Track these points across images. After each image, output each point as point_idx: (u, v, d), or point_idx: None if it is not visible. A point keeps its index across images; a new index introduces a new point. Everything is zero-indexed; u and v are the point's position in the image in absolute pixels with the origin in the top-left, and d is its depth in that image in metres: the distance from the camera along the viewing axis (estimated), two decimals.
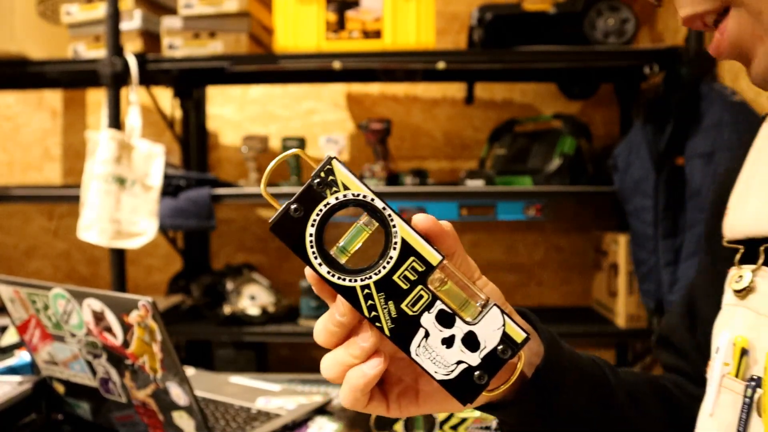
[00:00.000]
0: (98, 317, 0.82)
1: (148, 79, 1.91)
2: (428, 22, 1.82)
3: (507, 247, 2.30)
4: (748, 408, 0.48)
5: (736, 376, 0.49)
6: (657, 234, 1.65)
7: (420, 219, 0.42)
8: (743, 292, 0.51)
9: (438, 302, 0.41)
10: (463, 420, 0.83)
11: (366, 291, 0.41)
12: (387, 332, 0.41)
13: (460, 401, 0.42)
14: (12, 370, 1.00)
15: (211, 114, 2.34)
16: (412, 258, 0.41)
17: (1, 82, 2.15)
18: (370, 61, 1.82)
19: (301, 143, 1.94)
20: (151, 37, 1.90)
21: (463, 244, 0.46)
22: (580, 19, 1.76)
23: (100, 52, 1.88)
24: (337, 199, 0.41)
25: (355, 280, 0.41)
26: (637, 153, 1.71)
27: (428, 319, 0.41)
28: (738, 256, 0.53)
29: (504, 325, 0.42)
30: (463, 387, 0.42)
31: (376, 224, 0.41)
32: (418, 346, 0.41)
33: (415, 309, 0.41)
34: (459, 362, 0.42)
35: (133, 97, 1.80)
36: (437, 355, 0.41)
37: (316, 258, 0.41)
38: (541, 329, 0.53)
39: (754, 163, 0.55)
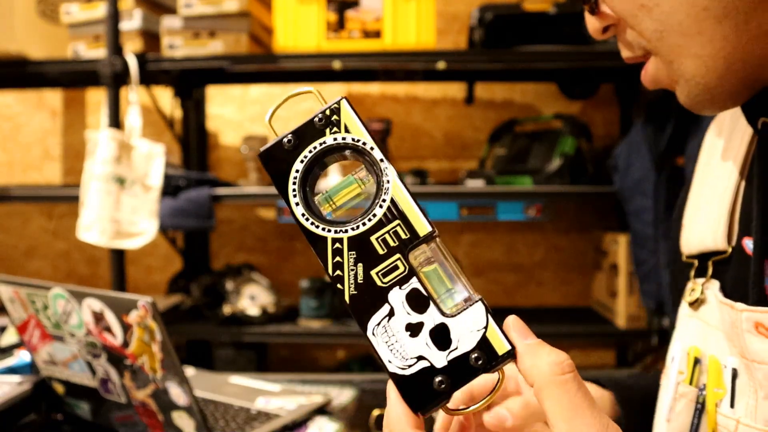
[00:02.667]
0: (98, 317, 0.82)
1: (148, 78, 1.91)
2: (428, 22, 1.81)
3: (507, 247, 2.30)
4: (699, 413, 0.50)
5: (690, 383, 0.52)
6: (657, 234, 1.65)
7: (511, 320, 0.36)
8: (695, 304, 0.53)
9: (414, 279, 0.35)
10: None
11: (336, 245, 0.36)
12: (347, 298, 0.35)
13: (410, 407, 0.34)
14: (12, 370, 1.00)
15: (211, 114, 2.34)
16: (397, 222, 0.36)
17: (1, 82, 2.15)
18: (370, 61, 1.82)
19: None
20: (151, 37, 1.90)
21: (463, 244, 0.44)
22: (580, 19, 1.75)
23: (100, 52, 1.87)
24: (335, 139, 0.37)
25: (329, 230, 0.36)
26: (637, 153, 1.71)
27: (397, 296, 0.35)
28: (692, 271, 0.55)
29: (486, 327, 0.35)
30: (417, 390, 0.34)
31: (371, 181, 0.37)
32: (378, 324, 0.35)
33: (385, 280, 0.35)
34: (420, 358, 0.35)
35: (133, 96, 1.80)
36: (397, 342, 0.35)
37: (295, 196, 0.37)
38: (620, 391, 0.57)
39: (701, 180, 0.57)
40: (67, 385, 0.95)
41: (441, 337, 0.35)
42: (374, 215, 0.36)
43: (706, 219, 0.54)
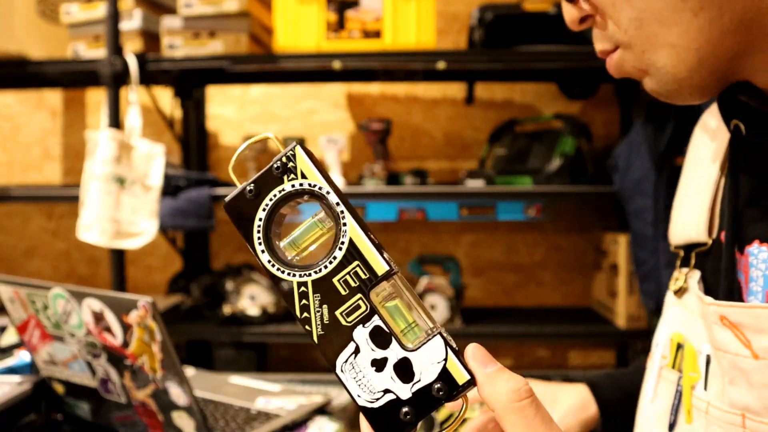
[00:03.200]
0: (98, 317, 0.82)
1: (148, 78, 1.91)
2: (428, 22, 1.81)
3: (507, 247, 2.30)
4: (680, 395, 0.54)
5: (673, 367, 0.56)
6: (657, 234, 1.65)
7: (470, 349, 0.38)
8: (679, 293, 0.57)
9: (375, 317, 0.37)
10: (464, 421, 0.83)
11: (302, 289, 0.38)
12: (315, 338, 0.38)
13: None
14: (11, 370, 1.00)
15: (211, 114, 2.34)
16: (356, 263, 0.37)
17: (1, 82, 2.15)
18: (370, 61, 1.82)
19: (301, 143, 1.94)
20: (151, 37, 1.90)
21: (463, 244, 0.44)
22: None
23: (100, 52, 1.88)
24: (293, 186, 0.39)
25: (294, 275, 0.38)
26: (637, 153, 1.71)
27: (361, 334, 0.37)
28: (678, 261, 0.58)
29: (446, 360, 0.36)
30: (385, 421, 0.36)
31: (329, 223, 0.39)
32: (345, 361, 0.37)
33: (349, 319, 0.37)
34: (387, 391, 0.37)
35: (133, 96, 1.80)
36: (364, 377, 0.37)
37: (260, 244, 0.39)
38: (601, 391, 0.60)
39: (687, 173, 0.60)
40: (67, 385, 0.95)
41: (404, 370, 0.36)
42: (335, 257, 0.38)
43: (691, 212, 0.57)
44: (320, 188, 0.39)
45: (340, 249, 0.38)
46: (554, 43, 1.79)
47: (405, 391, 0.36)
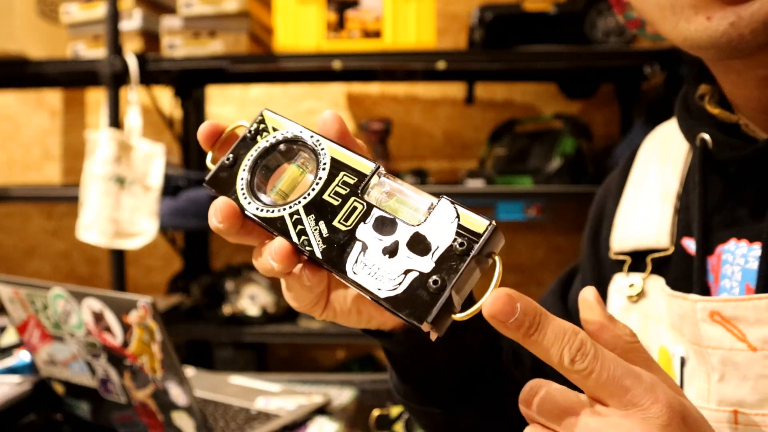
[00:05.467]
0: (98, 317, 0.82)
1: (148, 78, 1.91)
2: (428, 22, 1.81)
3: (507, 247, 2.30)
4: None
5: None
6: None
7: (327, 117, 0.41)
8: (635, 298, 0.57)
9: (375, 210, 0.36)
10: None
11: (295, 217, 0.37)
12: (318, 254, 0.36)
13: (416, 320, 0.33)
14: (11, 371, 1.00)
15: (211, 114, 2.34)
16: (342, 173, 0.38)
17: (1, 81, 2.15)
18: (370, 61, 1.82)
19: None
20: (150, 37, 1.90)
21: None
22: (580, 19, 1.76)
23: (99, 52, 1.87)
24: (267, 141, 0.40)
25: (284, 209, 0.38)
26: None
27: (365, 230, 0.36)
28: (626, 266, 0.59)
29: (458, 216, 0.35)
30: (416, 300, 0.33)
31: (311, 158, 0.39)
32: (356, 262, 0.35)
33: (348, 223, 0.36)
34: (407, 271, 0.34)
35: (133, 96, 1.80)
36: (379, 269, 0.35)
37: (245, 197, 0.39)
38: None
39: (638, 184, 0.62)
40: (67, 385, 0.95)
41: (419, 245, 0.35)
42: (320, 179, 0.38)
43: (647, 219, 0.58)
44: (290, 132, 0.40)
45: (324, 170, 0.38)
46: (554, 43, 1.79)
47: (426, 264, 0.34)
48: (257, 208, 0.38)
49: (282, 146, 0.40)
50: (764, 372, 0.46)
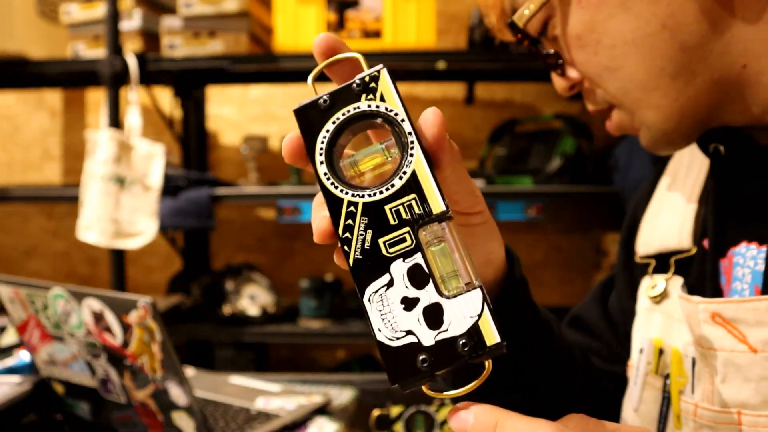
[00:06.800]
0: (98, 317, 0.82)
1: (148, 78, 1.91)
2: (428, 22, 1.81)
3: None
4: (667, 401, 0.55)
5: (656, 373, 0.57)
6: None
7: (429, 118, 0.37)
8: (658, 298, 0.59)
9: (418, 254, 0.35)
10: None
11: (351, 209, 0.36)
12: (350, 261, 0.35)
13: (390, 379, 0.34)
14: (11, 371, 1.00)
15: (211, 114, 2.34)
16: (413, 195, 0.35)
17: (1, 81, 2.15)
18: (370, 60, 1.81)
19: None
20: (150, 37, 1.90)
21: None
22: None
23: (99, 52, 1.87)
24: (368, 106, 0.37)
25: (346, 192, 0.36)
26: (637, 153, 1.71)
27: (399, 269, 0.35)
28: (651, 269, 0.61)
29: (480, 315, 0.34)
30: (401, 364, 0.34)
31: (398, 153, 0.37)
32: (375, 292, 0.35)
33: (391, 250, 0.35)
34: (409, 333, 0.34)
35: (133, 96, 1.80)
36: (390, 313, 0.35)
37: (321, 155, 0.37)
38: (517, 261, 0.55)
39: (667, 190, 0.65)
40: (67, 385, 0.95)
41: (434, 316, 0.34)
42: (392, 185, 0.36)
43: (671, 222, 0.61)
44: (396, 114, 0.37)
45: (401, 178, 0.36)
46: None
47: (428, 338, 0.34)
48: (324, 173, 0.37)
49: (379, 120, 0.38)
50: (765, 374, 0.47)
